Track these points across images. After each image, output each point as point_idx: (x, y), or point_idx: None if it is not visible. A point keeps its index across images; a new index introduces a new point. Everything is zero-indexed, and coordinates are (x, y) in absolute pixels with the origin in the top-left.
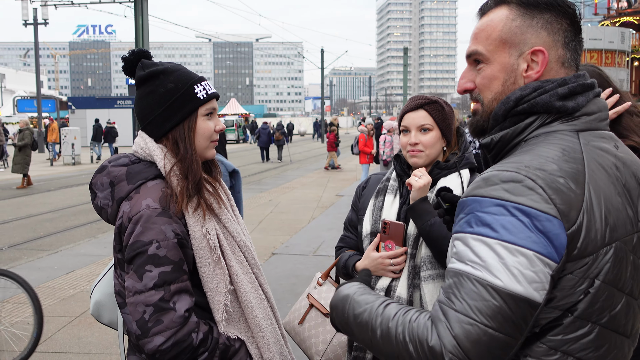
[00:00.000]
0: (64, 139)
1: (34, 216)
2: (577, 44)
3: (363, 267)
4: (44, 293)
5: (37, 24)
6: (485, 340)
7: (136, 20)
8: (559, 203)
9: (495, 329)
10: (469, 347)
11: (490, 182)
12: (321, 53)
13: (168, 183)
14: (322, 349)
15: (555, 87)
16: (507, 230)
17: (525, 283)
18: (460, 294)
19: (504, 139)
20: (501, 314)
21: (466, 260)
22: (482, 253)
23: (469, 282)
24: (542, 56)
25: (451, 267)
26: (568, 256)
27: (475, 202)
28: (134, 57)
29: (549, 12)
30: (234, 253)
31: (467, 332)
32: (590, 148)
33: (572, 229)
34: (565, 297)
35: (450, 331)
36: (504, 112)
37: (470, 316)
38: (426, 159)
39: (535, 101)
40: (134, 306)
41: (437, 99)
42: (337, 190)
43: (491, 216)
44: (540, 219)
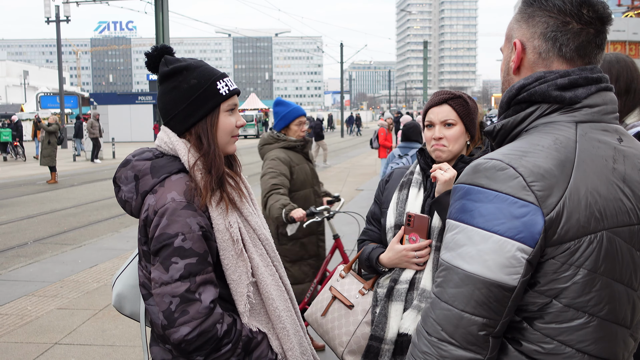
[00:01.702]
0: (86, 134)
1: (58, 211)
2: (560, 34)
3: (387, 260)
4: (68, 286)
5: (60, 21)
6: (464, 324)
7: (157, 16)
8: (537, 189)
9: (470, 313)
10: (451, 332)
11: (476, 170)
12: (340, 47)
13: (192, 177)
14: (345, 340)
15: (555, 78)
16: (483, 217)
17: (495, 268)
18: (443, 282)
19: (505, 127)
20: (474, 299)
21: (448, 247)
22: (460, 240)
23: (448, 270)
24: (517, 48)
25: (440, 256)
26: (547, 241)
27: (462, 189)
28: (157, 53)
29: (533, 7)
30: (255, 246)
31: (447, 317)
32: (586, 139)
33: (550, 214)
34: (549, 282)
35: (434, 318)
36: (508, 100)
37: (447, 302)
38: (449, 153)
39: (534, 90)
40: (161, 297)
41: (461, 94)
42: (357, 185)
43: (472, 203)
44: (516, 206)
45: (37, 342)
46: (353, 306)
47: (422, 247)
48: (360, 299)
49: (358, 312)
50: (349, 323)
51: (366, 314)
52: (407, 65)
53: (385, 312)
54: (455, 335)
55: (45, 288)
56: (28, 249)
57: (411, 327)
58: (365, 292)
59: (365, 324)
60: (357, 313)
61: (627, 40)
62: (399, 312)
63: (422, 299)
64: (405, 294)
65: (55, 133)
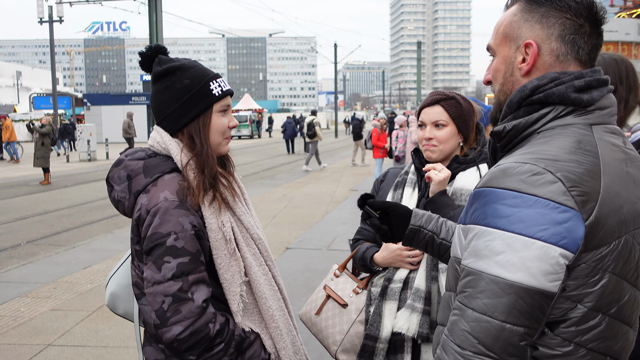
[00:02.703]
0: (80, 135)
1: (51, 212)
2: (578, 37)
3: (381, 259)
4: (62, 288)
5: (53, 21)
6: (505, 335)
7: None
8: (576, 195)
9: (512, 323)
10: (490, 344)
11: (507, 174)
12: (334, 48)
13: (185, 176)
14: (339, 339)
15: (572, 79)
16: (524, 222)
17: (540, 276)
18: (475, 292)
19: (517, 128)
20: (517, 308)
21: (480, 255)
22: (497, 247)
23: (482, 279)
24: (532, 48)
25: (465, 264)
26: (585, 247)
27: (492, 193)
28: (151, 52)
29: (547, 6)
30: (248, 245)
31: (485, 329)
32: (603, 142)
33: (589, 220)
34: (579, 287)
35: (467, 331)
36: (519, 100)
37: (486, 313)
38: (440, 154)
39: (552, 91)
40: (153, 296)
41: (454, 95)
42: (351, 185)
43: (508, 208)
44: (558, 211)
45: (30, 344)
46: (347, 305)
47: None
48: (354, 298)
49: (352, 311)
50: (342, 322)
51: (360, 313)
52: (401, 65)
53: (380, 311)
54: (495, 348)
55: (38, 289)
56: (21, 250)
57: (404, 326)
58: (359, 291)
59: (359, 322)
60: (351, 312)
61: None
62: (392, 311)
63: (415, 298)
64: (399, 293)
65: (49, 134)
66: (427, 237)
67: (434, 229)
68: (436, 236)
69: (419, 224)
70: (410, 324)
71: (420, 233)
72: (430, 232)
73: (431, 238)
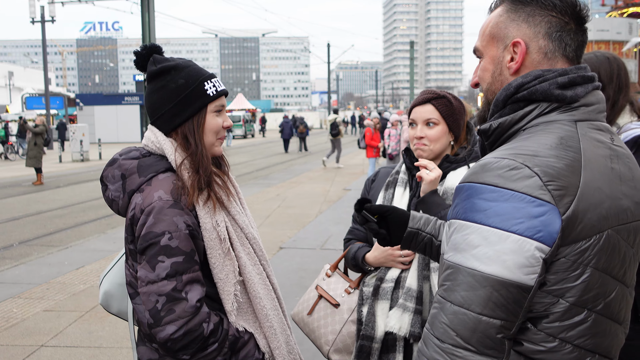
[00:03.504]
0: (73, 135)
1: (44, 212)
2: (564, 34)
3: (373, 259)
4: (54, 288)
5: (45, 21)
6: (482, 327)
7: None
8: (553, 189)
9: (488, 316)
10: (468, 337)
11: (486, 169)
12: (327, 47)
13: (179, 176)
14: (331, 339)
15: (555, 76)
16: (500, 216)
17: (515, 269)
18: (453, 285)
19: (502, 126)
20: (492, 301)
21: (458, 249)
22: (474, 240)
23: (460, 272)
24: (520, 47)
25: (445, 258)
26: (563, 240)
27: (471, 188)
28: (146, 52)
29: (532, 5)
30: (242, 245)
31: (462, 322)
32: (587, 139)
33: (566, 214)
34: (559, 281)
35: (446, 323)
36: (504, 99)
37: (463, 306)
38: (430, 152)
39: (535, 88)
40: (147, 296)
41: (445, 94)
42: (344, 185)
43: (485, 202)
44: (534, 205)
45: (23, 345)
46: (339, 305)
47: None
48: (346, 297)
49: (344, 311)
50: (334, 322)
51: (352, 313)
52: (394, 65)
53: (373, 311)
54: (472, 340)
55: (31, 290)
56: (14, 250)
57: (396, 326)
58: (351, 290)
59: (351, 322)
60: (343, 312)
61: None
62: (385, 310)
63: (407, 298)
64: (391, 292)
65: (42, 134)
66: (425, 240)
67: (432, 231)
68: (434, 238)
69: (417, 227)
70: (402, 323)
71: (419, 236)
72: (429, 234)
73: (429, 240)
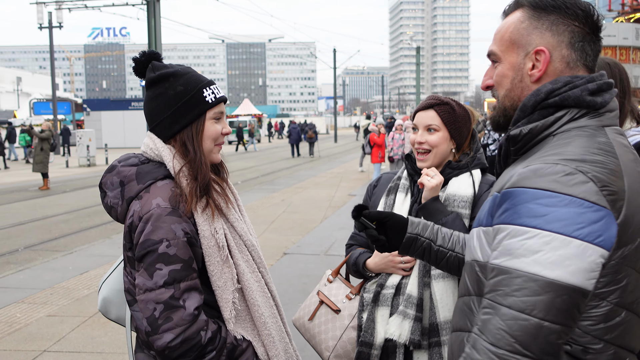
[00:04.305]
0: (79, 140)
1: (49, 217)
2: (586, 44)
3: (374, 265)
4: (58, 293)
5: (52, 27)
6: (543, 333)
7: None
8: (607, 194)
9: (551, 321)
10: (528, 342)
11: (540, 174)
12: (333, 53)
13: (177, 183)
14: (331, 345)
15: (584, 83)
16: (561, 221)
17: (578, 274)
18: (510, 290)
19: (533, 132)
20: (555, 306)
21: (515, 254)
22: (534, 245)
23: (520, 277)
24: (544, 55)
25: (497, 263)
26: (618, 245)
27: (525, 193)
28: (145, 58)
29: (555, 14)
30: (240, 252)
31: (523, 327)
32: (616, 143)
33: (620, 218)
34: (607, 284)
35: (504, 329)
36: (534, 104)
37: (524, 311)
38: (432, 159)
39: (567, 94)
40: (145, 303)
41: (448, 101)
42: (350, 190)
43: (544, 207)
44: (592, 210)
45: (25, 350)
46: (340, 311)
47: None
48: (347, 303)
49: (345, 317)
50: (335, 328)
51: (353, 319)
52: (400, 70)
53: (373, 317)
54: (532, 347)
55: (35, 295)
56: (18, 255)
57: (396, 333)
58: (352, 296)
59: (352, 328)
60: (343, 318)
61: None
62: (385, 317)
63: (407, 305)
64: (392, 299)
65: (48, 140)
66: (424, 245)
67: (430, 236)
68: (433, 243)
69: (415, 232)
70: (402, 330)
71: (418, 241)
72: (427, 239)
73: (428, 245)
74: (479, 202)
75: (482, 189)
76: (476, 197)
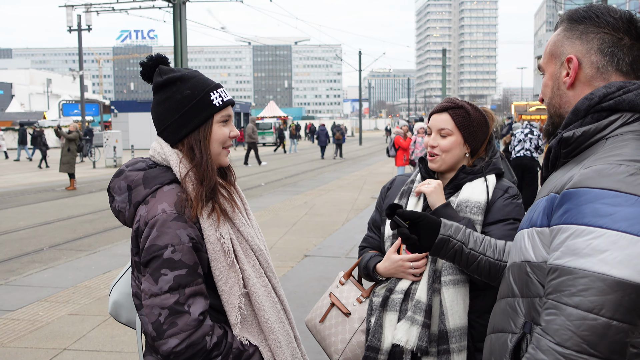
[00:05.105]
0: (106, 142)
1: (74, 217)
2: (617, 49)
3: (383, 269)
4: (80, 292)
5: (81, 30)
6: (612, 332)
7: (175, 25)
8: None
9: (620, 320)
10: (596, 342)
11: (603, 174)
12: (359, 55)
13: (183, 188)
14: (340, 348)
15: (637, 88)
16: (628, 220)
17: None
18: (577, 290)
19: (586, 135)
20: (624, 305)
21: (580, 254)
22: (601, 245)
23: (586, 277)
24: (573, 62)
25: (560, 264)
26: None
27: (589, 193)
28: (152, 63)
29: (585, 23)
30: (247, 257)
31: (591, 327)
32: None
33: None
34: None
35: (571, 329)
36: (587, 108)
37: (593, 311)
38: (442, 163)
39: (622, 98)
40: (150, 309)
41: (463, 104)
42: (373, 193)
43: (610, 207)
44: None
45: (46, 348)
46: (350, 314)
47: (419, 258)
48: (358, 306)
49: (355, 320)
50: (345, 331)
51: (362, 322)
52: (426, 73)
53: (381, 322)
54: (600, 346)
55: (57, 294)
56: (43, 254)
57: (404, 339)
58: (363, 299)
59: (361, 332)
60: (353, 321)
61: None
62: (393, 322)
63: (416, 311)
64: (400, 304)
65: (75, 140)
66: (455, 247)
67: (462, 239)
68: (465, 246)
69: (448, 234)
70: (409, 336)
71: (449, 243)
72: (459, 242)
73: (460, 248)
74: (493, 208)
75: (496, 195)
76: (489, 203)
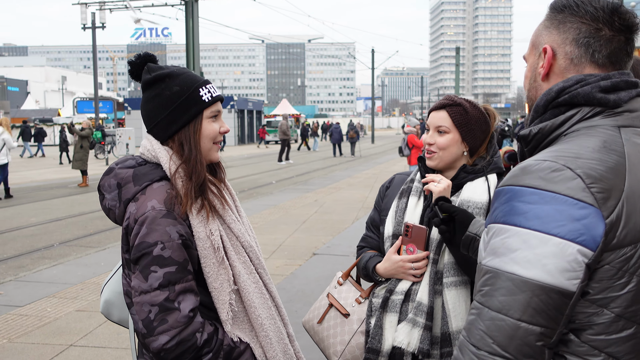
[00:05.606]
0: (119, 139)
1: (86, 214)
2: (593, 40)
3: (383, 270)
4: (89, 289)
5: (95, 27)
6: (520, 334)
7: (187, 23)
8: (596, 191)
9: (528, 322)
10: (505, 344)
11: (526, 171)
12: (372, 53)
13: (173, 184)
14: (339, 350)
15: (597, 80)
16: (540, 219)
17: (556, 273)
18: (491, 290)
19: (543, 132)
20: (532, 307)
21: (497, 253)
22: (513, 244)
23: (499, 277)
24: (548, 53)
25: (483, 263)
26: (606, 245)
27: (511, 191)
28: (140, 61)
29: (564, 12)
30: (237, 253)
31: (500, 328)
32: (631, 143)
33: (610, 217)
34: (603, 290)
35: (483, 330)
36: (545, 104)
37: (501, 312)
38: (439, 161)
39: (577, 92)
40: (140, 306)
41: (461, 102)
42: None
43: (526, 205)
44: (576, 207)
45: (53, 344)
46: (349, 315)
47: (419, 258)
48: (357, 307)
49: (353, 321)
50: (344, 332)
51: (362, 324)
52: (440, 71)
53: (381, 324)
54: (510, 348)
55: (66, 290)
56: (53, 251)
57: (405, 341)
58: (362, 300)
59: (360, 333)
60: (352, 322)
61: None
62: (393, 323)
63: (417, 313)
64: (400, 305)
65: (88, 137)
66: None
67: None
68: None
69: (474, 232)
70: (410, 338)
71: (476, 241)
72: None
73: None
74: None
75: None
76: (491, 203)
